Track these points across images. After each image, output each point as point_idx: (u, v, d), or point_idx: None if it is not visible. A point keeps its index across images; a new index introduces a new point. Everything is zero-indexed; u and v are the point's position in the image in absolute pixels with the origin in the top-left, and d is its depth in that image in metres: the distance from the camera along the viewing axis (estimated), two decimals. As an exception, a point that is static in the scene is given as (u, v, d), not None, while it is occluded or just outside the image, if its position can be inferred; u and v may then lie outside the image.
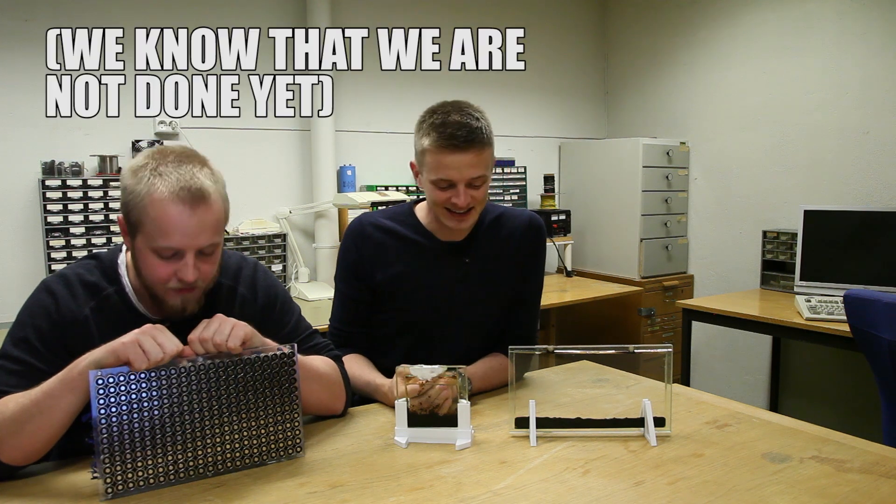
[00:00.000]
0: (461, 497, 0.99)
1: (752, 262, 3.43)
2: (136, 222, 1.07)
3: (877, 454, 1.13)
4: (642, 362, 1.55)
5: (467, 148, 1.35)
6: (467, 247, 1.53)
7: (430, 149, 1.38)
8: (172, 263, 1.09)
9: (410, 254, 1.51)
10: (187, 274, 1.08)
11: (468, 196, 1.39)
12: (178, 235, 1.06)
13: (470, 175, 1.37)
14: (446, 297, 1.51)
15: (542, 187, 3.92)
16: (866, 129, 3.01)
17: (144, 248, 1.08)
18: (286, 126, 3.19)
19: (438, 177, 1.38)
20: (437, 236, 1.52)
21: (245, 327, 1.09)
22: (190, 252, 1.08)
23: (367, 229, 1.52)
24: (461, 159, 1.35)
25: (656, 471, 1.08)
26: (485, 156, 1.39)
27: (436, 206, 1.44)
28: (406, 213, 1.56)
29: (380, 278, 1.50)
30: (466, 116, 1.37)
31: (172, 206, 1.05)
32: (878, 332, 1.88)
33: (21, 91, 2.57)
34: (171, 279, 1.10)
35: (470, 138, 1.35)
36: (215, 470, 1.07)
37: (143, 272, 1.11)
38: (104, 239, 2.61)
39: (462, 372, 1.20)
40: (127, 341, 0.99)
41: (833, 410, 3.21)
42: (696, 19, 3.71)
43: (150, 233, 1.06)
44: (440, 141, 1.35)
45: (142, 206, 1.06)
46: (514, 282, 1.57)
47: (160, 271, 1.09)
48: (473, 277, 1.52)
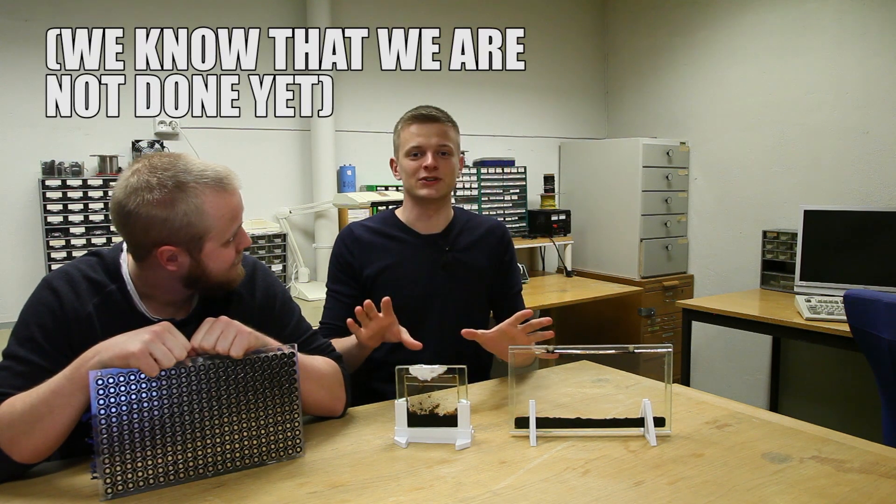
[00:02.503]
0: (461, 497, 0.99)
1: (752, 262, 3.43)
2: (200, 234, 1.11)
3: (877, 454, 1.13)
4: (642, 362, 1.55)
5: (435, 120, 1.65)
6: (445, 237, 1.73)
7: (404, 125, 1.67)
8: (233, 243, 1.18)
9: (395, 247, 1.70)
10: (246, 239, 1.22)
11: (437, 160, 1.62)
12: (241, 214, 1.18)
13: (438, 142, 1.64)
14: (431, 285, 1.69)
15: (542, 187, 3.92)
16: (866, 129, 3.01)
17: (215, 248, 1.14)
18: (286, 126, 3.19)
19: (410, 145, 1.64)
20: (418, 230, 1.72)
21: (248, 337, 1.09)
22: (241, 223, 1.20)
23: (355, 231, 1.72)
24: (429, 128, 1.64)
25: (656, 471, 1.08)
26: (449, 132, 1.66)
27: (410, 178, 1.65)
28: (388, 215, 1.77)
29: (368, 272, 1.68)
30: (434, 106, 1.69)
31: (227, 195, 1.14)
32: (878, 332, 1.88)
33: (21, 91, 2.57)
34: (236, 256, 1.20)
35: (436, 114, 1.66)
36: (215, 470, 1.07)
37: (213, 272, 1.15)
38: (104, 239, 2.61)
39: (461, 372, 1.20)
40: (136, 351, 0.98)
41: (833, 410, 3.21)
42: (696, 19, 3.71)
43: (220, 231, 1.13)
44: (413, 115, 1.67)
45: (200, 218, 1.10)
46: (492, 274, 1.77)
47: (230, 256, 1.18)
48: (453, 264, 1.71)
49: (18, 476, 1.05)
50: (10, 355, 1.10)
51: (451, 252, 1.71)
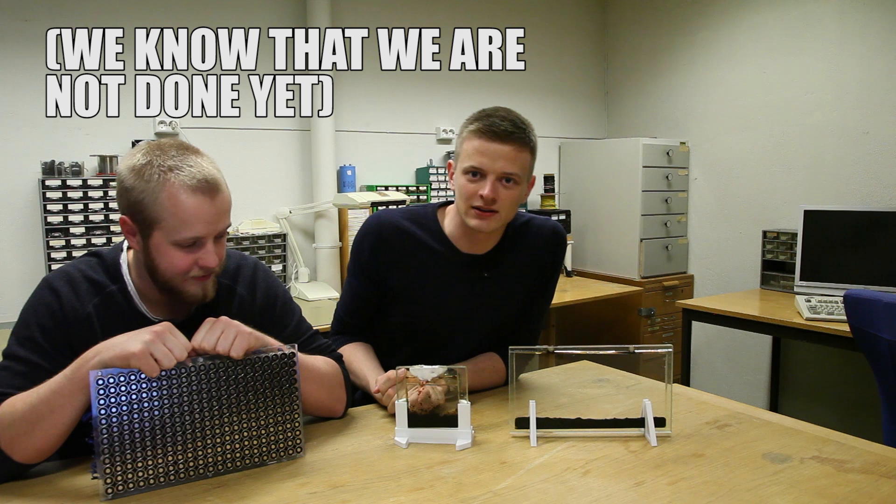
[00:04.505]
0: (461, 497, 0.99)
1: (752, 262, 3.43)
2: (152, 219, 1.09)
3: (877, 454, 1.13)
4: (642, 362, 1.55)
5: (506, 140, 1.33)
6: (488, 262, 1.48)
7: (468, 136, 1.37)
8: (193, 253, 1.12)
9: (428, 262, 1.46)
10: (210, 259, 1.12)
11: (496, 190, 1.34)
12: (201, 225, 1.09)
13: (502, 168, 1.33)
14: (459, 309, 1.48)
15: (543, 187, 3.92)
16: (866, 129, 3.01)
17: (163, 243, 1.10)
18: (286, 126, 3.19)
19: (471, 163, 1.35)
20: (459, 247, 1.46)
21: (248, 337, 1.09)
22: (210, 239, 1.12)
23: (384, 231, 1.46)
24: (497, 149, 1.33)
25: (657, 471, 1.08)
26: (522, 156, 1.36)
27: (462, 201, 1.38)
28: (429, 216, 1.50)
29: (392, 282, 1.47)
30: (513, 116, 1.37)
31: (193, 198, 1.08)
32: (878, 332, 1.88)
33: (21, 91, 2.57)
34: (193, 268, 1.12)
35: (510, 131, 1.33)
36: (215, 470, 1.07)
37: (161, 267, 1.12)
38: (104, 239, 2.61)
39: (461, 373, 1.20)
40: (137, 352, 0.98)
41: (833, 410, 3.21)
42: (696, 19, 3.71)
43: (170, 227, 1.09)
44: (481, 127, 1.34)
45: (157, 203, 1.08)
46: (528, 295, 1.54)
47: (182, 262, 1.11)
48: (489, 294, 1.49)
49: (19, 476, 1.05)
50: (11, 355, 1.10)
51: (490, 277, 1.48)
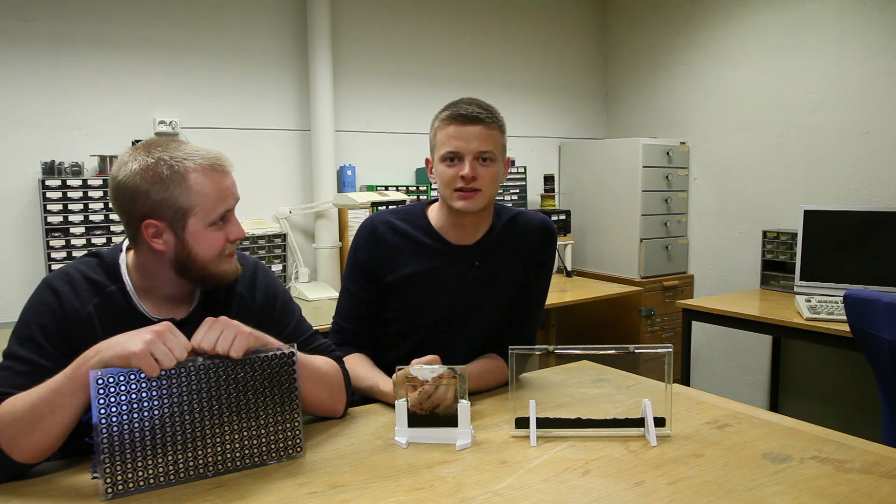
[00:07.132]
0: (461, 497, 0.99)
1: (752, 262, 3.43)
2: (185, 209, 1.11)
3: (877, 454, 1.13)
4: (642, 362, 1.55)
5: (475, 121, 1.41)
6: (477, 251, 1.53)
7: (440, 125, 1.44)
8: (222, 230, 1.16)
9: (420, 256, 1.52)
10: (239, 230, 1.19)
11: (475, 168, 1.41)
12: (231, 198, 1.16)
13: (477, 147, 1.41)
14: (453, 300, 1.53)
15: (542, 187, 3.92)
16: (866, 129, 3.01)
17: (200, 228, 1.13)
18: (286, 126, 3.19)
19: (448, 149, 1.42)
20: (448, 239, 1.52)
21: (248, 337, 1.09)
22: (234, 211, 1.18)
23: (379, 230, 1.53)
24: (469, 131, 1.41)
25: (657, 471, 1.08)
26: (493, 135, 1.43)
27: (445, 188, 1.45)
28: (418, 214, 1.56)
29: (389, 279, 1.52)
30: (478, 101, 1.45)
31: (216, 175, 1.14)
32: (878, 332, 1.88)
33: (21, 91, 2.57)
34: (226, 245, 1.17)
35: (478, 113, 1.41)
36: (215, 470, 1.07)
37: (199, 255, 1.14)
38: (104, 239, 2.61)
39: (462, 372, 1.20)
40: (138, 351, 0.98)
41: (833, 410, 3.21)
42: (696, 19, 3.71)
43: (205, 209, 1.12)
44: (451, 114, 1.43)
45: (185, 191, 1.11)
46: (522, 287, 1.58)
47: (218, 241, 1.16)
48: (481, 282, 1.53)
49: (19, 476, 1.05)
50: (11, 355, 1.10)
51: (481, 267, 1.53)
